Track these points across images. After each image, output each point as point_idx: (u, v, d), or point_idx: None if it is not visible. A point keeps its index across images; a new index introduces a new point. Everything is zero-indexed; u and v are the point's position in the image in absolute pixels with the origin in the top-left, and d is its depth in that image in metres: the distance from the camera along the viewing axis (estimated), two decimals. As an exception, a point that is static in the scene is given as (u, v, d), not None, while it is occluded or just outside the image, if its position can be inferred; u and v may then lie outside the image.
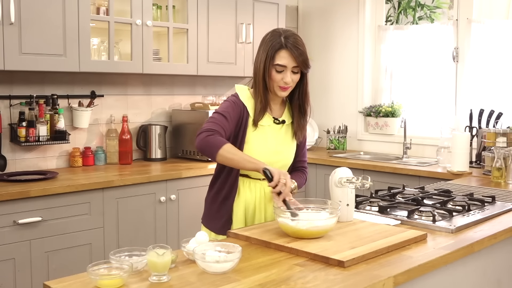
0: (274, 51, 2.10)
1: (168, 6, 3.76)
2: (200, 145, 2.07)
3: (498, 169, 3.14)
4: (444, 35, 4.21)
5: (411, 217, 2.15)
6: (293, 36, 2.12)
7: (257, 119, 2.17)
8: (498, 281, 2.21)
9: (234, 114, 2.15)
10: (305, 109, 2.25)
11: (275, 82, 2.13)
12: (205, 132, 2.06)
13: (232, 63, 4.14)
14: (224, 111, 2.14)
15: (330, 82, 4.92)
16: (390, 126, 4.51)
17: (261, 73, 2.13)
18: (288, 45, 2.09)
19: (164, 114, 4.19)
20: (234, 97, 2.22)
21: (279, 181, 1.96)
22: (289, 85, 2.13)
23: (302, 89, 2.22)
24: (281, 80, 2.11)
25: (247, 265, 1.62)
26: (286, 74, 2.11)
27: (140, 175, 3.36)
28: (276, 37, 2.12)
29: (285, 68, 2.11)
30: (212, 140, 2.04)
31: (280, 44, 2.09)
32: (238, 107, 2.17)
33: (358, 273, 1.57)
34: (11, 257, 2.84)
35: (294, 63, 2.11)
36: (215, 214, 2.25)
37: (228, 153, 2.03)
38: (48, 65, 3.21)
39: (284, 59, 2.10)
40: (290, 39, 2.10)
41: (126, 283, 1.46)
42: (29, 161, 3.48)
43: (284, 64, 2.10)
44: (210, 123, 2.09)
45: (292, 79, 2.13)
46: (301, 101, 2.24)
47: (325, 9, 4.93)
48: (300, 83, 2.20)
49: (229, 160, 2.06)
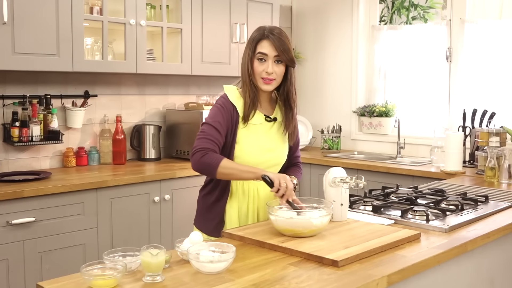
0: (256, 42, 2.14)
1: (162, 6, 3.76)
2: (196, 167, 2.11)
3: (491, 168, 3.16)
4: (438, 35, 4.23)
5: (405, 216, 2.16)
6: (277, 29, 2.16)
7: (247, 115, 2.17)
8: (491, 280, 2.22)
9: (224, 121, 2.15)
10: (290, 103, 2.23)
11: (258, 73, 2.13)
12: (198, 152, 2.09)
13: (226, 63, 4.14)
14: (213, 121, 2.15)
15: (324, 82, 4.93)
16: (384, 126, 4.52)
17: (246, 67, 2.15)
18: (269, 36, 2.12)
19: (158, 114, 4.18)
20: (223, 98, 2.22)
21: (280, 185, 2.00)
22: (271, 76, 2.13)
23: (286, 84, 2.20)
24: (263, 71, 2.12)
25: (241, 265, 1.62)
26: (267, 64, 2.12)
27: (134, 175, 3.36)
28: (260, 30, 2.17)
29: (266, 57, 2.12)
30: (208, 160, 2.07)
31: (262, 35, 2.14)
32: (226, 111, 2.17)
33: (352, 272, 1.58)
34: (4, 257, 2.83)
35: (275, 52, 2.11)
36: (206, 215, 2.25)
37: (226, 169, 2.06)
38: (42, 65, 3.20)
39: (265, 48, 2.12)
40: (274, 31, 2.14)
41: (120, 283, 1.46)
42: (22, 161, 3.47)
43: (265, 52, 2.12)
44: (201, 140, 2.11)
45: (274, 71, 2.12)
46: (285, 96, 2.22)
47: (319, 9, 4.93)
48: (285, 79, 2.20)
49: (229, 176, 2.10)
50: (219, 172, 2.06)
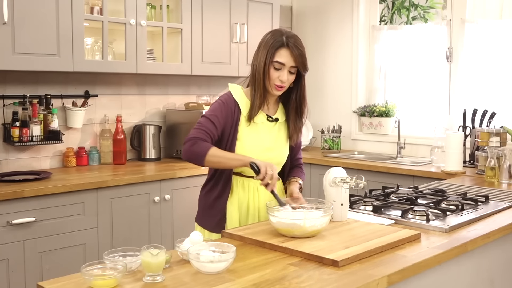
0: (275, 49, 2.12)
1: (162, 6, 3.76)
2: (186, 156, 2.15)
3: (492, 168, 3.16)
4: (438, 35, 4.22)
5: (405, 216, 2.16)
6: (294, 37, 2.16)
7: (253, 115, 2.18)
8: (491, 280, 2.22)
9: (222, 116, 2.17)
10: (302, 111, 2.27)
11: (272, 80, 2.14)
12: (189, 142, 2.12)
13: (226, 63, 4.14)
14: (211, 114, 2.18)
15: (324, 82, 4.92)
16: (384, 126, 4.52)
17: (261, 70, 2.14)
18: (289, 44, 2.12)
19: (158, 114, 4.18)
20: (226, 95, 2.24)
21: (266, 173, 2.01)
22: (284, 84, 2.15)
23: (300, 92, 2.23)
24: (277, 78, 2.13)
25: (241, 265, 1.62)
26: (283, 73, 2.13)
27: (134, 175, 3.36)
28: (278, 36, 2.14)
29: (283, 67, 2.13)
30: (197, 149, 2.10)
31: (282, 43, 2.12)
32: (227, 106, 2.19)
33: (352, 272, 1.58)
34: (5, 257, 2.83)
35: (293, 62, 2.13)
36: (208, 212, 2.26)
37: (214, 157, 2.08)
38: (42, 65, 3.20)
39: (283, 57, 2.12)
40: (291, 39, 2.14)
41: (120, 283, 1.46)
42: (22, 161, 3.47)
43: (283, 62, 2.12)
44: (194, 130, 2.15)
45: (288, 79, 2.15)
46: (298, 104, 2.25)
47: (319, 9, 4.93)
48: (297, 85, 2.22)
49: (217, 164, 2.12)
50: (207, 160, 2.08)
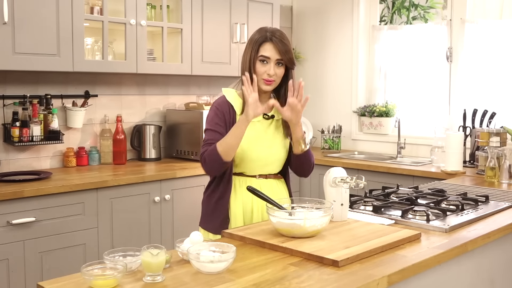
0: (259, 44, 2.18)
1: (162, 6, 3.76)
2: (208, 170, 2.19)
3: (492, 168, 3.16)
4: (438, 35, 4.22)
5: (405, 216, 2.16)
6: (278, 31, 2.21)
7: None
8: (492, 281, 2.22)
9: (220, 120, 2.22)
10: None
11: (259, 75, 2.18)
12: (202, 159, 2.18)
13: (226, 63, 4.14)
14: (212, 124, 2.22)
15: (324, 82, 4.92)
16: (384, 126, 4.52)
17: (247, 68, 2.18)
18: (272, 39, 2.17)
19: (158, 114, 4.18)
20: (219, 99, 2.29)
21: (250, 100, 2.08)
22: (272, 78, 2.18)
23: (287, 86, 2.22)
24: (265, 72, 2.17)
25: (241, 265, 1.62)
26: (269, 66, 2.16)
27: (134, 175, 3.36)
28: (263, 32, 2.21)
29: (269, 60, 2.17)
30: (209, 158, 2.14)
31: (265, 37, 2.18)
32: (221, 110, 2.23)
33: (352, 272, 1.58)
34: (5, 257, 2.83)
35: (278, 55, 2.17)
36: (211, 214, 2.27)
37: (224, 146, 2.11)
38: (42, 65, 3.20)
39: (268, 51, 2.17)
40: (276, 33, 2.19)
41: (120, 283, 1.46)
42: (22, 161, 3.47)
43: (268, 56, 2.16)
44: (203, 148, 2.19)
45: (276, 73, 2.18)
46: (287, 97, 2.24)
47: (319, 9, 4.93)
48: (285, 80, 2.23)
49: (229, 146, 2.12)
50: (222, 153, 2.10)
